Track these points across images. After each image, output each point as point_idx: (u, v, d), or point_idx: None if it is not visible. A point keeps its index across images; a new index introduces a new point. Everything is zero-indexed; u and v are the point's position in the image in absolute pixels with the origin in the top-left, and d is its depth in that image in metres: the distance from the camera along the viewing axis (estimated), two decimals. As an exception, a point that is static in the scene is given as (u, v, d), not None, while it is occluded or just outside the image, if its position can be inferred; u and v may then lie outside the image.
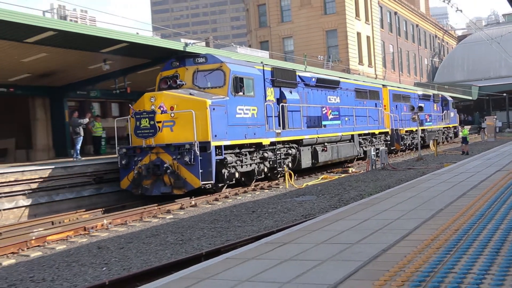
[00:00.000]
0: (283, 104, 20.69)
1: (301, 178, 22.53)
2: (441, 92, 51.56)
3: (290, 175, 19.97)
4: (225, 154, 17.02)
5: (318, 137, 22.84)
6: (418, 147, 31.26)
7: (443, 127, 44.32)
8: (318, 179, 22.14)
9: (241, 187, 19.10)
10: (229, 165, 17.36)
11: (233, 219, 13.04)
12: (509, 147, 23.15)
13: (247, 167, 18.67)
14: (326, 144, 23.73)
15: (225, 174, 17.36)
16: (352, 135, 26.43)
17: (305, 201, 15.14)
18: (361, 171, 23.92)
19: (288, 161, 21.16)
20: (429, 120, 39.04)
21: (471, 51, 78.75)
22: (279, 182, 20.79)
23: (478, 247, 4.99)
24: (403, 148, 34.02)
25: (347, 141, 26.04)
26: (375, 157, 24.49)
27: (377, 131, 29.63)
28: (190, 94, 16.95)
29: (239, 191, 18.50)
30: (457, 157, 27.12)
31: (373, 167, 23.82)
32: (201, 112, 16.29)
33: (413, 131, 35.81)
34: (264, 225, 11.94)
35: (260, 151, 19.35)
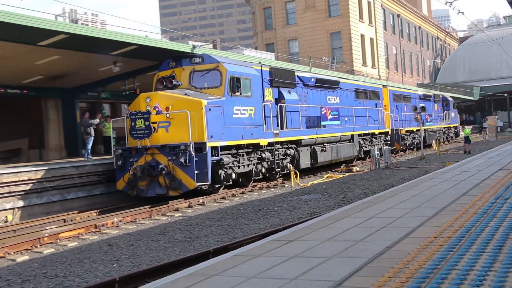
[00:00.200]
0: (281, 104, 20.16)
1: (301, 178, 21.19)
2: (442, 92, 51.31)
3: (295, 174, 19.94)
4: (222, 154, 16.54)
5: (317, 138, 22.40)
6: (421, 146, 31.15)
7: (444, 127, 43.92)
8: (323, 178, 22.10)
9: (238, 188, 18.51)
10: (225, 166, 16.85)
11: (240, 217, 13.03)
12: (510, 146, 23.05)
13: (244, 168, 18.13)
14: (325, 144, 23.27)
15: (222, 175, 16.83)
16: (352, 135, 25.95)
17: (310, 200, 15.11)
18: (365, 170, 23.86)
19: (286, 161, 20.66)
20: (429, 120, 38.66)
21: (473, 53, 78.48)
22: (277, 182, 20.31)
23: (480, 245, 4.96)
24: (403, 148, 33.66)
25: (346, 141, 25.58)
26: (378, 156, 24.38)
27: (377, 131, 29.16)
28: (185, 94, 16.43)
29: (236, 192, 17.93)
30: (459, 156, 27.02)
31: (377, 166, 23.74)
32: (197, 112, 15.77)
33: (414, 131, 35.57)
34: (270, 223, 11.93)
35: (257, 152, 18.84)
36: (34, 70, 21.72)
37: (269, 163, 19.40)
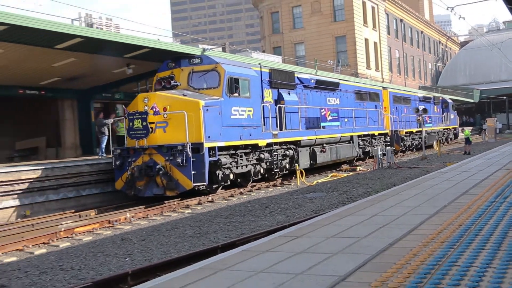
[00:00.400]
0: (280, 105, 19.60)
1: (287, 181, 20.89)
2: (441, 94, 51.02)
3: (301, 173, 19.91)
4: (219, 155, 16.06)
5: (316, 138, 21.89)
6: (422, 147, 31.06)
7: (443, 129, 43.51)
8: (327, 177, 22.05)
9: (237, 188, 18.00)
10: (223, 166, 16.36)
11: (247, 214, 13.03)
12: (509, 147, 22.93)
13: (242, 168, 17.62)
14: (325, 145, 22.74)
15: (219, 175, 16.36)
16: (351, 136, 25.43)
17: (315, 198, 15.09)
18: (368, 170, 23.80)
19: (285, 162, 20.10)
20: (429, 121, 38.23)
21: (473, 56, 78.22)
22: (276, 182, 19.85)
23: (480, 242, 4.95)
24: (402, 149, 33.25)
25: (346, 142, 25.05)
26: (381, 157, 24.32)
27: (376, 132, 28.65)
28: (183, 95, 15.93)
29: (234, 193, 17.44)
30: (460, 157, 26.90)
31: (380, 166, 23.69)
32: (194, 113, 15.26)
33: (413, 132, 35.22)
34: (276, 220, 11.92)
35: (256, 152, 18.29)
36: (51, 72, 21.82)
37: (268, 164, 18.92)
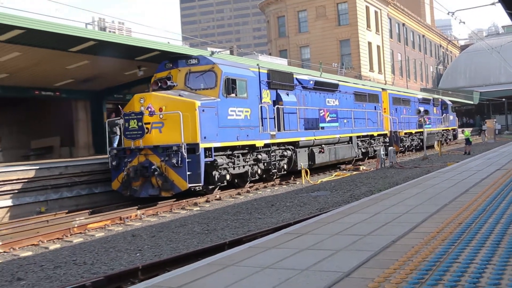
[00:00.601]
0: (278, 106, 19.09)
1: (298, 178, 20.62)
2: (441, 96, 50.74)
3: (306, 172, 19.88)
4: (216, 156, 15.55)
5: (315, 139, 21.35)
6: (423, 147, 30.94)
7: (443, 130, 43.09)
8: (331, 176, 22.00)
9: (234, 189, 17.52)
10: (219, 167, 15.84)
11: (254, 211, 13.02)
12: (507, 148, 22.82)
13: (239, 169, 17.11)
14: (323, 145, 22.19)
15: (216, 176, 15.85)
16: (350, 137, 24.88)
17: (320, 196, 15.06)
18: (371, 169, 23.75)
19: (283, 162, 19.58)
20: (428, 122, 37.79)
21: (473, 60, 77.97)
22: (275, 183, 19.35)
23: (480, 239, 4.92)
24: (402, 149, 32.84)
25: (345, 143, 24.50)
26: (384, 156, 24.25)
27: (375, 133, 28.09)
28: (179, 95, 15.41)
29: (232, 193, 17.03)
30: (460, 157, 26.78)
31: (382, 165, 23.64)
32: (190, 113, 14.74)
33: (412, 133, 34.92)
34: (282, 217, 11.90)
35: (254, 153, 17.76)
36: (65, 74, 21.92)
37: (265, 164, 18.40)
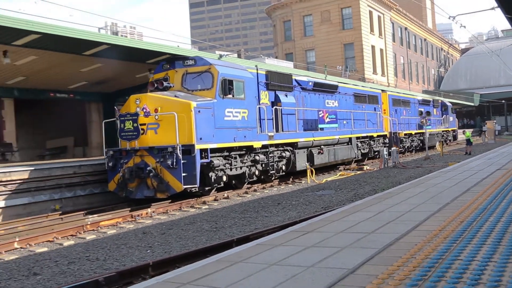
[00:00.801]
0: (276, 107, 18.59)
1: (297, 179, 20.37)
2: (440, 98, 50.42)
3: (311, 171, 19.84)
4: (212, 157, 15.02)
5: (314, 140, 20.85)
6: (425, 148, 30.81)
7: (442, 131, 42.49)
8: (336, 175, 21.94)
9: (232, 190, 17.13)
10: (216, 168, 15.36)
11: (260, 210, 13.00)
12: (507, 148, 22.69)
13: (237, 170, 16.58)
14: (322, 146, 21.69)
15: (212, 177, 15.37)
16: (349, 138, 24.37)
17: (325, 195, 15.03)
18: (375, 169, 23.66)
19: (282, 163, 19.02)
20: (428, 124, 37.42)
21: (473, 63, 77.67)
22: (273, 184, 18.92)
23: (481, 237, 4.89)
24: (402, 150, 32.27)
25: (344, 144, 23.98)
26: (387, 156, 24.17)
27: (375, 134, 27.58)
28: (175, 96, 14.95)
29: (229, 195, 16.68)
30: (461, 157, 26.65)
31: (385, 165, 23.57)
32: (186, 114, 14.24)
33: (412, 134, 34.56)
34: (288, 215, 11.88)
35: (251, 154, 17.22)
36: (79, 76, 22.02)
37: (263, 166, 17.88)
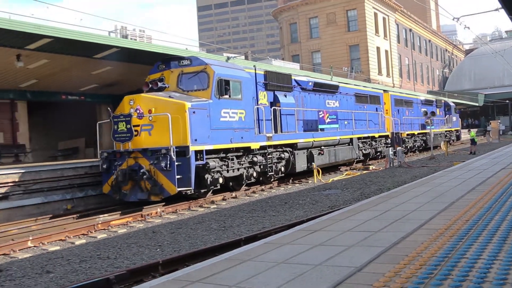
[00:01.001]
0: (275, 107, 18.01)
1: (298, 181, 19.92)
2: (443, 98, 49.99)
3: (318, 171, 19.79)
4: (208, 158, 14.49)
5: (314, 141, 20.19)
6: (430, 147, 30.67)
7: (446, 131, 41.86)
8: (342, 175, 21.88)
9: (229, 192, 16.53)
10: (212, 170, 14.79)
11: (268, 209, 12.99)
12: (511, 148, 22.56)
13: (234, 172, 16.00)
14: (323, 147, 21.05)
15: (208, 179, 14.80)
16: (351, 139, 23.71)
17: (331, 194, 14.99)
18: (380, 168, 23.60)
19: (281, 165, 18.40)
20: (431, 124, 37.04)
21: (477, 63, 77.26)
22: (272, 185, 18.36)
23: (487, 236, 4.86)
24: (404, 150, 31.80)
25: (345, 145, 23.34)
26: (392, 156, 24.08)
27: (377, 135, 26.96)
28: (169, 96, 14.40)
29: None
30: (465, 157, 26.51)
31: (391, 165, 23.49)
32: (180, 115, 13.70)
33: (415, 134, 34.13)
34: (295, 214, 11.87)
35: (249, 155, 16.67)
36: (90, 79, 22.10)
37: (261, 167, 17.31)
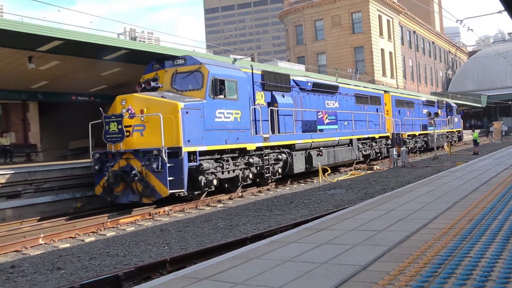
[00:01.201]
0: (272, 108, 17.45)
1: (296, 182, 19.36)
2: (445, 98, 49.62)
3: (323, 171, 19.75)
4: (202, 160, 13.99)
5: (312, 142, 19.56)
6: (434, 148, 30.53)
7: (447, 132, 41.12)
8: (347, 175, 21.82)
9: (225, 194, 15.98)
10: (206, 171, 14.27)
11: (274, 208, 12.98)
12: (515, 149, 22.42)
13: (229, 173, 15.46)
14: (321, 148, 20.40)
15: (202, 181, 14.28)
16: (350, 140, 23.04)
17: (336, 194, 14.96)
18: (384, 168, 23.53)
19: (278, 166, 17.80)
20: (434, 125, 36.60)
21: (481, 65, 76.93)
22: (270, 187, 17.72)
23: (490, 235, 4.84)
24: (407, 151, 31.70)
25: (345, 146, 22.66)
26: (396, 156, 24.01)
27: (377, 135, 26.33)
28: (162, 96, 13.84)
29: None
30: (468, 157, 26.38)
31: (395, 165, 23.42)
32: (173, 115, 13.19)
33: (416, 135, 33.63)
34: (300, 213, 11.85)
35: (245, 157, 16.13)
36: (99, 80, 22.18)
37: (258, 168, 16.72)
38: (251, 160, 16.30)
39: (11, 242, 10.42)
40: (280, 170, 18.02)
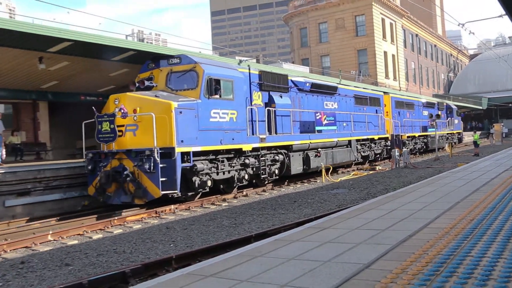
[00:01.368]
0: (269, 108, 16.92)
1: (293, 183, 19.04)
2: (445, 100, 49.36)
3: (326, 170, 19.72)
4: (196, 160, 13.55)
5: (310, 143, 19.04)
6: (435, 149, 30.43)
7: (447, 133, 40.66)
8: (350, 175, 21.77)
9: (219, 195, 15.53)
10: (200, 172, 13.85)
11: (278, 207, 12.97)
12: (515, 150, 22.33)
13: (224, 174, 15.01)
14: (319, 149, 19.92)
15: (196, 182, 13.87)
16: (349, 141, 22.55)
17: (339, 194, 14.94)
18: (386, 169, 23.47)
19: (275, 167, 17.32)
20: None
21: (482, 68, 76.77)
22: (266, 189, 17.28)
23: (491, 235, 4.82)
24: (408, 152, 31.42)
25: (344, 147, 22.18)
26: (398, 157, 23.95)
27: (376, 137, 25.84)
28: (155, 96, 13.38)
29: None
30: (469, 158, 26.30)
31: (397, 166, 23.36)
32: (166, 115, 12.76)
33: (416, 136, 33.27)
34: (304, 213, 11.84)
35: (241, 157, 15.68)
36: (108, 80, 22.22)
37: (254, 169, 16.27)
38: (247, 161, 15.87)
39: (21, 238, 10.47)
40: (277, 171, 17.57)
